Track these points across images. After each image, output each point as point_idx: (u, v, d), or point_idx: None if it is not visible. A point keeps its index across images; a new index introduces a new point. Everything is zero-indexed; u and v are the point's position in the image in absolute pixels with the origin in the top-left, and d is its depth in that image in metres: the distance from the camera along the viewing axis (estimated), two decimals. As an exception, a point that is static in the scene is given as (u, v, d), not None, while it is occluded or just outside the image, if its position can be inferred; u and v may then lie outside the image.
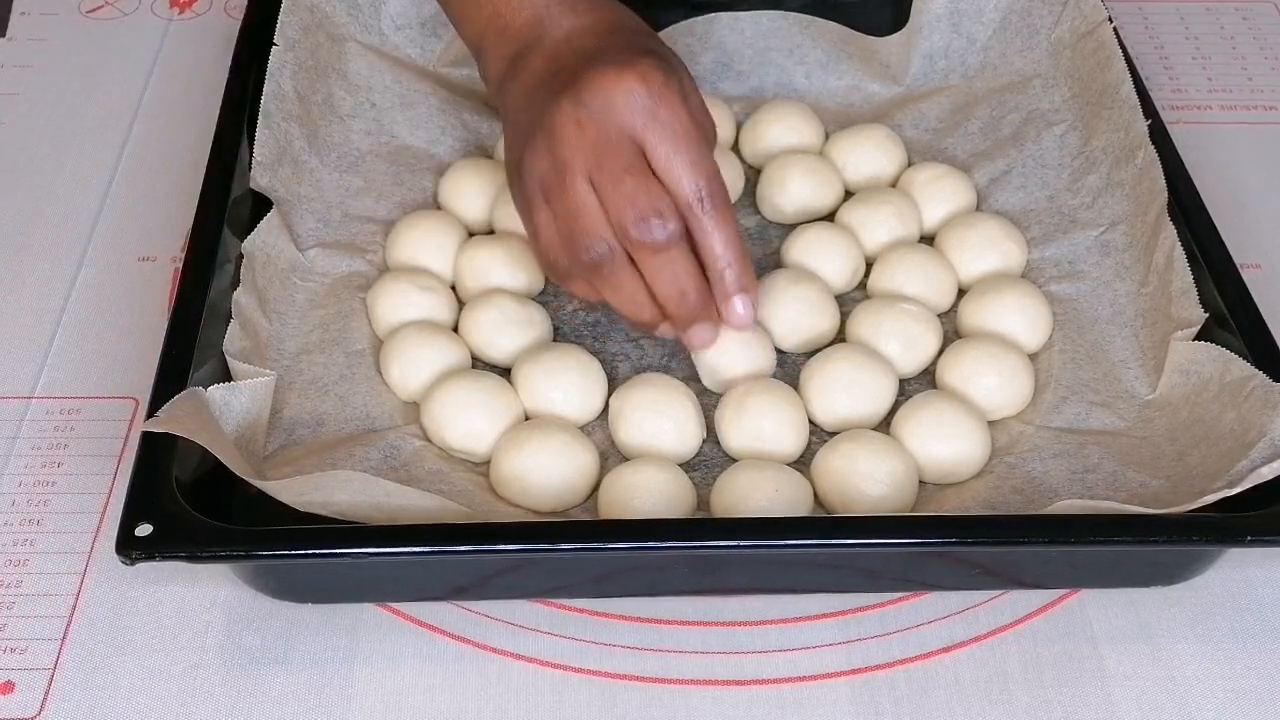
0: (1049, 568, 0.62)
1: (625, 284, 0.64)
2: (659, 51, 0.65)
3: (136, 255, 0.78)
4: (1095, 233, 0.75)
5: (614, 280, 0.64)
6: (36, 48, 0.92)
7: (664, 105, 0.62)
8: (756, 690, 0.59)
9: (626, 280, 0.64)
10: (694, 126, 0.63)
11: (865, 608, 0.62)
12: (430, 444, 0.66)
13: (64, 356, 0.72)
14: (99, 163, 0.83)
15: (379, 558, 0.57)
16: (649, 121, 0.62)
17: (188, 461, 0.59)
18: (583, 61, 0.63)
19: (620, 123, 0.62)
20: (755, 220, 0.80)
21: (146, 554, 0.55)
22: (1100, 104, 0.78)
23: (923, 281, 0.73)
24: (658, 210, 0.62)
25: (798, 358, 0.71)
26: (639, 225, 0.62)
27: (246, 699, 0.58)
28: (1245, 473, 0.59)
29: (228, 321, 0.65)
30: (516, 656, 0.60)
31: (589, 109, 0.62)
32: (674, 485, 0.62)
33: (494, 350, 0.70)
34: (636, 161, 0.62)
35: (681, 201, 0.63)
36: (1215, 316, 0.66)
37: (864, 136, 0.81)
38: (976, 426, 0.66)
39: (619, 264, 0.63)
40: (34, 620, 0.61)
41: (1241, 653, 0.61)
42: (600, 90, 0.62)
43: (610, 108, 0.62)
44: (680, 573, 0.62)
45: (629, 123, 0.62)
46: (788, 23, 0.86)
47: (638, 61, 0.62)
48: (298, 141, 0.76)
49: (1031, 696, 0.59)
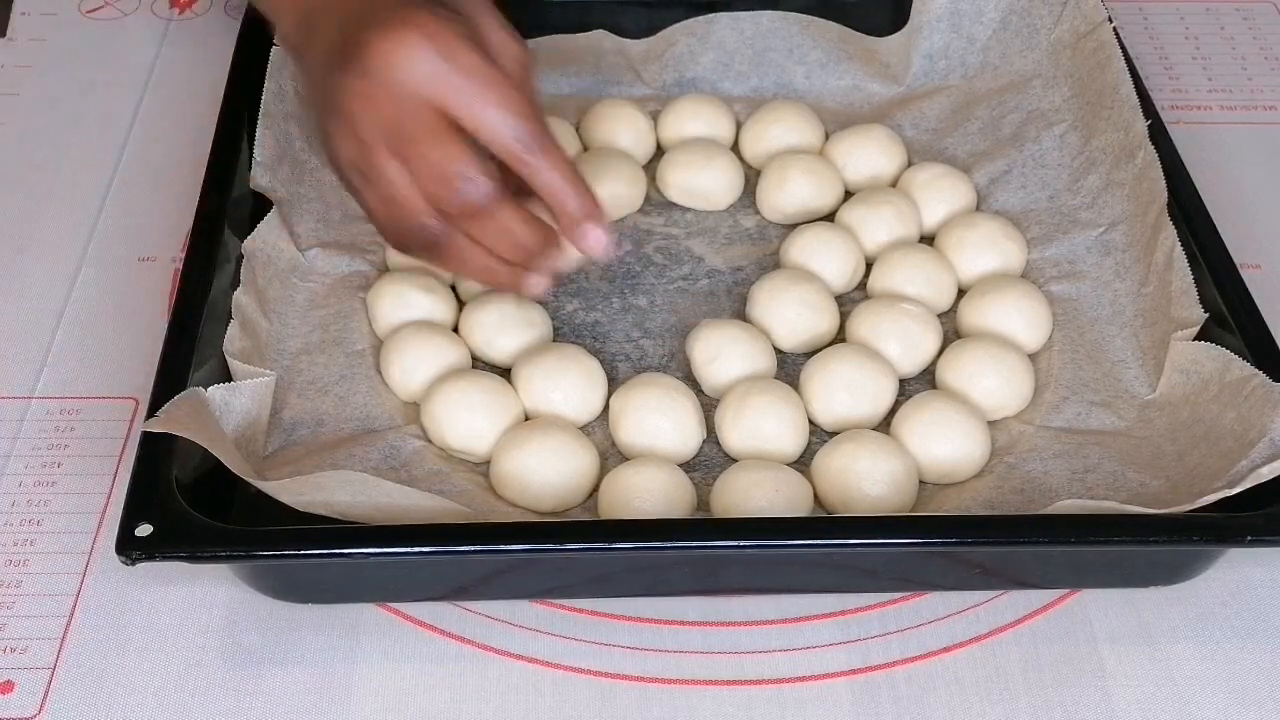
0: (1049, 568, 0.62)
1: (464, 253, 0.62)
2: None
3: (136, 255, 0.78)
4: (1095, 233, 0.75)
5: (451, 253, 0.61)
6: (36, 48, 0.92)
7: (454, 56, 0.58)
8: (756, 690, 0.59)
9: (464, 250, 0.61)
10: (490, 69, 0.59)
11: (865, 608, 0.62)
12: (430, 444, 0.66)
13: (64, 356, 0.72)
14: (99, 163, 0.83)
15: (379, 558, 0.57)
16: (440, 78, 0.58)
17: (188, 461, 0.59)
18: (359, 27, 0.59)
19: (410, 87, 0.58)
20: (755, 220, 0.80)
21: (146, 554, 0.55)
22: (1100, 104, 0.78)
23: (923, 281, 0.73)
24: (460, 174, 0.59)
25: (798, 358, 0.71)
26: (448, 196, 0.59)
27: (246, 699, 0.58)
28: (1245, 473, 0.59)
29: (228, 321, 0.65)
30: (516, 656, 0.60)
31: (373, 79, 0.58)
32: (674, 485, 0.62)
33: (494, 350, 0.70)
34: (434, 126, 0.58)
35: (500, 151, 0.59)
36: (1215, 316, 0.66)
37: (864, 136, 0.81)
38: (976, 426, 0.66)
39: (450, 238, 0.61)
40: (34, 620, 0.61)
41: (1241, 653, 0.61)
42: (380, 55, 0.58)
43: (395, 73, 0.58)
44: (680, 573, 0.62)
45: (419, 85, 0.58)
46: (788, 23, 0.86)
47: (414, 15, 0.58)
48: (298, 141, 0.76)
49: (1031, 696, 0.59)
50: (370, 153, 0.60)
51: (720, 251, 0.78)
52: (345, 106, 0.59)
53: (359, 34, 0.59)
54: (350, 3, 0.61)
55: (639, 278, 0.76)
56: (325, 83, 0.61)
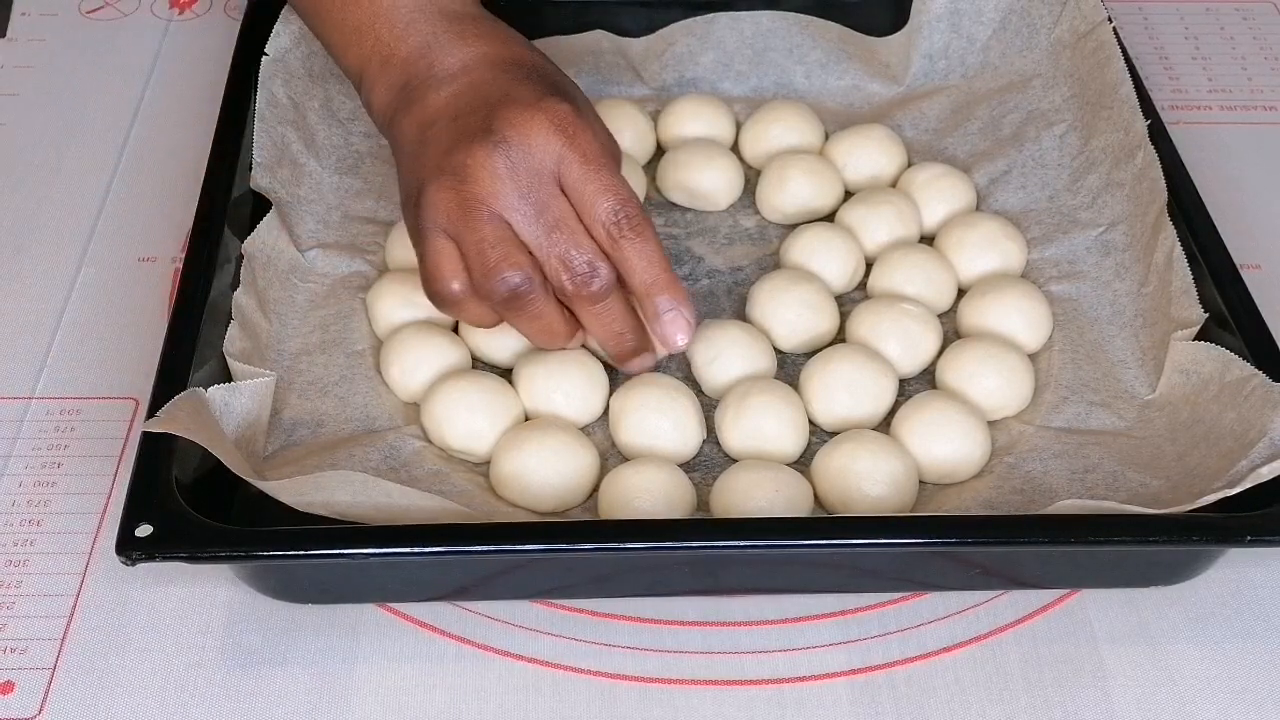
0: (1049, 568, 0.62)
1: (545, 315, 0.64)
2: (562, 85, 0.65)
3: (136, 255, 0.78)
4: (1095, 233, 0.75)
5: (533, 311, 0.64)
6: (36, 48, 0.92)
7: (577, 139, 0.62)
8: (756, 690, 0.59)
9: (546, 311, 0.64)
10: (604, 154, 0.63)
11: (865, 608, 0.62)
12: (430, 444, 0.66)
13: (64, 356, 0.72)
14: (99, 163, 0.83)
15: (379, 558, 0.57)
16: (565, 158, 0.62)
17: (188, 462, 0.59)
18: (492, 103, 0.63)
19: (538, 165, 0.62)
20: (755, 220, 0.80)
21: (146, 554, 0.55)
22: (1100, 104, 0.78)
23: (923, 281, 0.73)
24: (592, 264, 0.63)
25: (798, 358, 0.71)
26: (577, 280, 0.63)
27: (246, 699, 0.58)
28: (1245, 473, 0.59)
29: (228, 322, 0.65)
30: (516, 656, 0.60)
31: (507, 154, 0.62)
32: (674, 485, 0.62)
33: (494, 350, 0.70)
34: (562, 210, 0.63)
35: (600, 226, 0.63)
36: (1215, 316, 0.66)
37: (864, 136, 0.81)
38: (976, 426, 0.66)
39: (539, 296, 0.63)
40: (34, 620, 0.61)
41: (1241, 653, 0.61)
42: (518, 134, 0.62)
43: (530, 153, 0.62)
44: (680, 573, 0.62)
45: (546, 162, 0.62)
46: (787, 23, 0.86)
47: (548, 100, 0.63)
48: (295, 145, 0.76)
49: (1031, 696, 0.59)
50: (478, 204, 0.62)
51: (720, 252, 0.78)
52: (465, 166, 0.62)
53: (497, 110, 0.63)
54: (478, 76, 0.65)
55: (639, 278, 0.76)
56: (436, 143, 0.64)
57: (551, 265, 0.63)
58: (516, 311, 0.64)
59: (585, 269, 0.63)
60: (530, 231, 0.62)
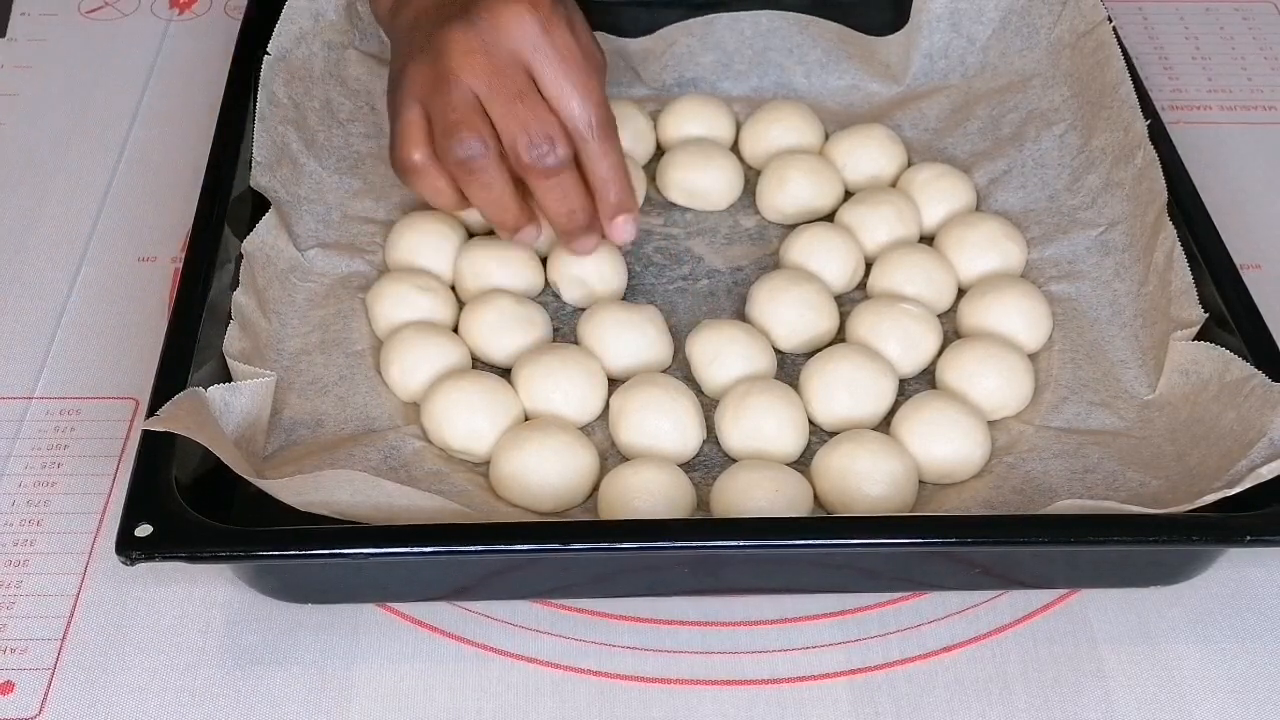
0: (1049, 568, 0.62)
1: (495, 185, 0.66)
2: None
3: (136, 255, 0.78)
4: (1095, 233, 0.75)
5: (484, 179, 0.65)
6: (36, 48, 0.92)
7: (554, 32, 0.64)
8: (756, 690, 0.59)
9: (497, 181, 0.66)
10: (583, 55, 0.65)
11: (865, 608, 0.62)
12: (430, 444, 0.66)
13: (64, 356, 0.72)
14: (99, 163, 0.83)
15: (379, 558, 0.57)
16: (539, 47, 0.64)
17: (188, 461, 0.59)
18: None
19: (511, 46, 0.64)
20: (755, 220, 0.80)
21: (146, 554, 0.55)
22: (1100, 104, 0.78)
23: (923, 281, 0.73)
24: (549, 136, 0.64)
25: (798, 358, 0.71)
26: (532, 150, 0.64)
27: (246, 699, 0.58)
28: (1245, 473, 0.59)
29: (228, 321, 0.65)
30: (516, 656, 0.60)
31: (479, 31, 0.64)
32: (674, 485, 0.62)
33: (494, 350, 0.70)
34: (527, 86, 0.64)
35: (571, 128, 0.65)
36: (1215, 316, 0.66)
37: (864, 136, 0.81)
38: (976, 426, 0.66)
39: (492, 164, 0.65)
40: (34, 620, 0.61)
41: (1241, 653, 0.61)
42: (490, 14, 0.64)
43: (501, 31, 0.64)
44: (680, 573, 0.62)
45: (519, 47, 0.64)
46: (787, 22, 0.86)
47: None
48: (295, 144, 0.76)
49: (1031, 696, 0.59)
50: (449, 76, 0.64)
51: (720, 251, 0.78)
52: (441, 45, 0.65)
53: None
54: None
55: (639, 278, 0.76)
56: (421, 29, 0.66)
57: (509, 133, 0.64)
58: (469, 176, 0.65)
59: (543, 141, 0.64)
60: (495, 102, 0.64)
